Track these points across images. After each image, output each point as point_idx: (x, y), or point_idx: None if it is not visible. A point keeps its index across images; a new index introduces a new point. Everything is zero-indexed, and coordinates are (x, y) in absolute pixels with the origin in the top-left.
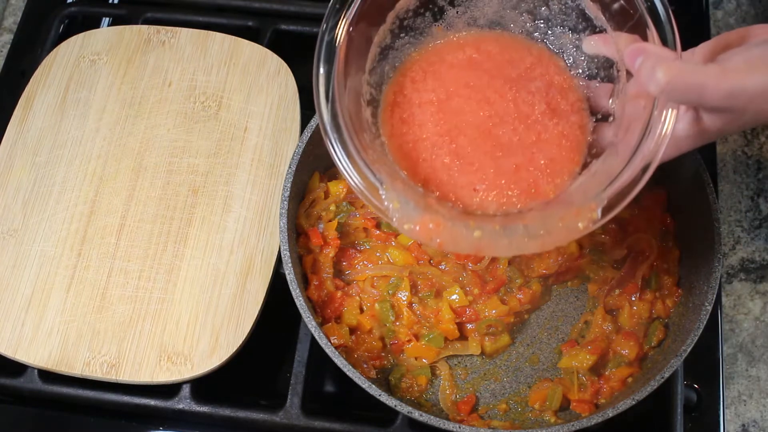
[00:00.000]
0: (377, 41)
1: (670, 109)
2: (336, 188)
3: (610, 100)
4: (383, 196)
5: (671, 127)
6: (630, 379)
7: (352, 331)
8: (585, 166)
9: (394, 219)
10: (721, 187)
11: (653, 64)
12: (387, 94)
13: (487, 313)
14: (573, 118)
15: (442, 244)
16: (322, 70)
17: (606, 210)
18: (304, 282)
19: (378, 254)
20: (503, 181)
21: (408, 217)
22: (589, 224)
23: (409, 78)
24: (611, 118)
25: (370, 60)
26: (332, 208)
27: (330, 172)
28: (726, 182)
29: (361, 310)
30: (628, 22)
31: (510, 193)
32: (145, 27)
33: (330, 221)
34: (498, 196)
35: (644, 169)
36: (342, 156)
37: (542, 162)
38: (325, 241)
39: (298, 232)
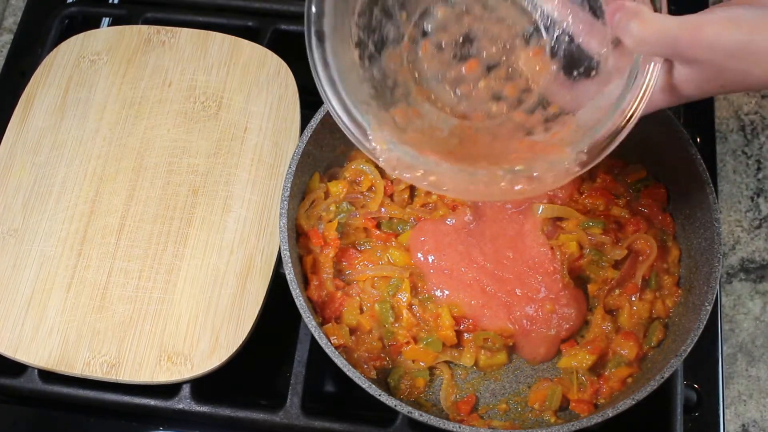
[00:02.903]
0: None
1: (652, 63)
2: (336, 188)
3: (598, 51)
4: (370, 137)
5: (653, 79)
6: (630, 379)
7: (352, 331)
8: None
9: (381, 159)
10: (721, 187)
11: (629, 17)
12: None
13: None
14: None
15: (437, 182)
16: (314, 9)
17: (591, 158)
18: (304, 282)
19: (378, 254)
20: None
21: (399, 160)
22: (573, 167)
23: None
24: (593, 73)
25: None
26: (332, 208)
27: (330, 172)
28: (726, 182)
29: (361, 311)
30: None
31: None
32: (145, 27)
33: (330, 221)
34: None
35: (626, 119)
36: (329, 93)
37: None
38: (325, 241)
39: (298, 232)
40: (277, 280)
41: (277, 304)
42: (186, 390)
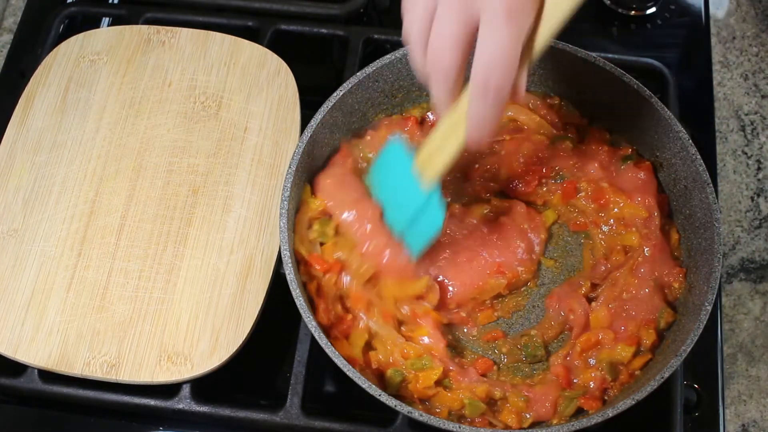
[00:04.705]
0: None
1: None
2: (315, 203)
3: None
4: None
5: None
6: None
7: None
8: None
9: None
10: (721, 187)
11: None
12: None
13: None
14: None
15: None
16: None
17: None
18: (312, 306)
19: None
20: None
21: None
22: None
23: None
24: None
25: None
26: (315, 227)
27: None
28: (726, 182)
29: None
30: None
31: None
32: (145, 27)
33: (323, 244)
34: None
35: None
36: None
37: None
38: (328, 265)
39: (297, 260)
40: (277, 280)
41: (277, 304)
42: (186, 390)
